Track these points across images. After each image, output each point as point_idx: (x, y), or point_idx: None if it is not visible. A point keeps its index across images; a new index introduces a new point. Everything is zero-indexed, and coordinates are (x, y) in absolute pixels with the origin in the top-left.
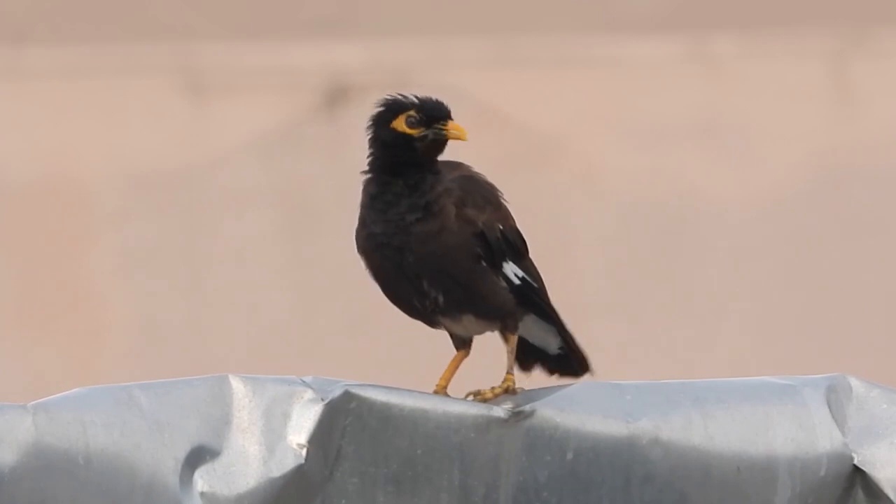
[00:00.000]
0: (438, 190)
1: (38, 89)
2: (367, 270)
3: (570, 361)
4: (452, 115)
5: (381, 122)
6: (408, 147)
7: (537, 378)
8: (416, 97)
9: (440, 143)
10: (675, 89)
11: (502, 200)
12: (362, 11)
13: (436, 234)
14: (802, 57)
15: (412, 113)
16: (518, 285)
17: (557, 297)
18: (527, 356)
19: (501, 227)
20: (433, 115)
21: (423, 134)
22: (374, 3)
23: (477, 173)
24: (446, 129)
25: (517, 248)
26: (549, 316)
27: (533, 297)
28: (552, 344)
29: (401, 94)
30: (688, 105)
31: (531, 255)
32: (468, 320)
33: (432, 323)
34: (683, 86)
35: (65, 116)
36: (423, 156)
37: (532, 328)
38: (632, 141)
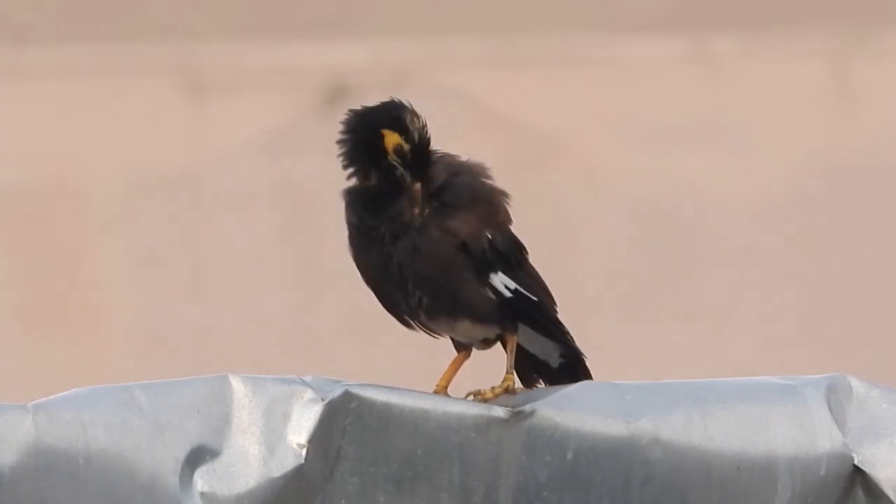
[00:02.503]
0: (407, 199)
1: (38, 89)
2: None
3: (574, 374)
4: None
5: (374, 123)
6: (378, 161)
7: None
8: (420, 136)
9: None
10: (675, 89)
11: (499, 197)
12: (362, 11)
13: (415, 248)
14: (802, 57)
15: (405, 146)
16: (509, 297)
17: (558, 297)
18: (528, 371)
19: (490, 237)
20: (416, 164)
21: (395, 167)
22: (374, 3)
23: (466, 163)
24: (412, 187)
25: (509, 259)
26: (547, 330)
27: (528, 311)
28: (554, 354)
29: (413, 116)
30: (688, 105)
31: (532, 257)
32: (465, 325)
33: (430, 330)
34: (683, 86)
35: (65, 116)
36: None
37: (531, 338)
38: (632, 141)
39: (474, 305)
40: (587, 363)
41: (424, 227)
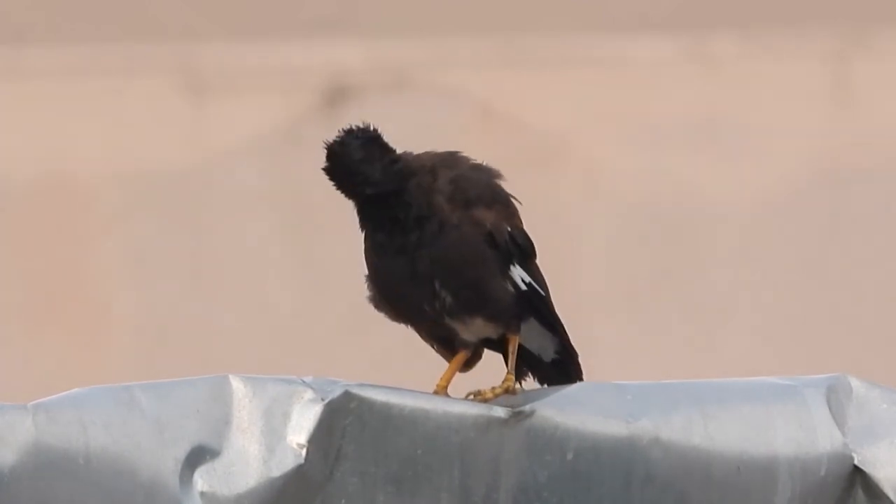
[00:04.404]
0: (417, 195)
1: (38, 89)
2: (373, 287)
3: (565, 371)
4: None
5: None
6: None
7: None
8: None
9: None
10: (675, 89)
11: (510, 198)
12: (362, 11)
13: (438, 235)
14: (802, 57)
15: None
16: (524, 291)
17: (558, 297)
18: (520, 365)
19: (509, 229)
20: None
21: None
22: (374, 3)
23: (480, 165)
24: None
25: (525, 252)
26: (551, 325)
27: (538, 305)
28: (549, 350)
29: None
30: (688, 105)
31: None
32: (478, 324)
33: (439, 329)
34: (683, 86)
35: (65, 116)
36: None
37: (531, 333)
38: (632, 141)
39: (495, 300)
40: (579, 361)
41: (449, 217)
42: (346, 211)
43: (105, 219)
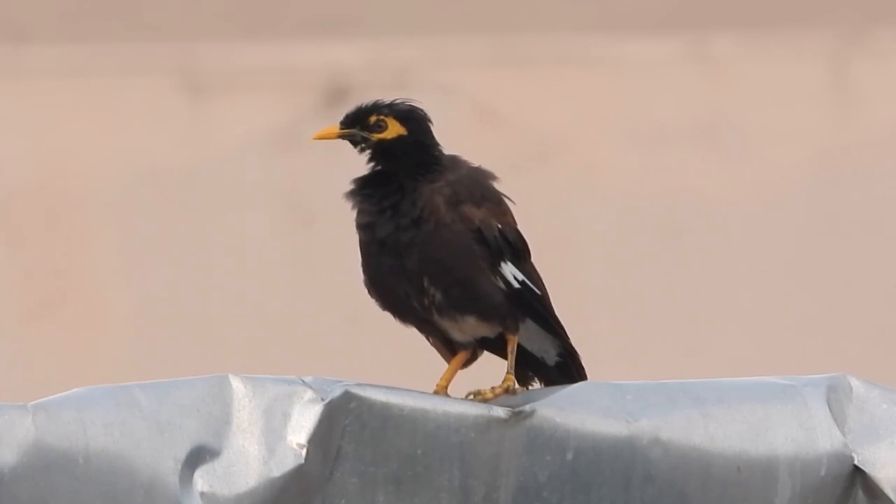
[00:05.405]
0: (424, 194)
1: (38, 89)
2: (365, 277)
3: (569, 373)
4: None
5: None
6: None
7: None
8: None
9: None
10: (674, 89)
11: (503, 197)
12: (362, 11)
13: (431, 234)
14: (802, 57)
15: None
16: (517, 289)
17: (557, 297)
18: (524, 369)
19: (500, 226)
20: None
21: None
22: (374, 3)
23: (478, 168)
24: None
25: (517, 250)
26: (549, 325)
27: (533, 304)
28: (551, 352)
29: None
30: (688, 105)
31: (532, 256)
32: (471, 322)
33: (431, 328)
34: (683, 86)
35: (65, 116)
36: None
37: (531, 335)
38: (632, 141)
39: (485, 297)
40: (582, 362)
41: (444, 217)
42: (345, 211)
43: (104, 218)
